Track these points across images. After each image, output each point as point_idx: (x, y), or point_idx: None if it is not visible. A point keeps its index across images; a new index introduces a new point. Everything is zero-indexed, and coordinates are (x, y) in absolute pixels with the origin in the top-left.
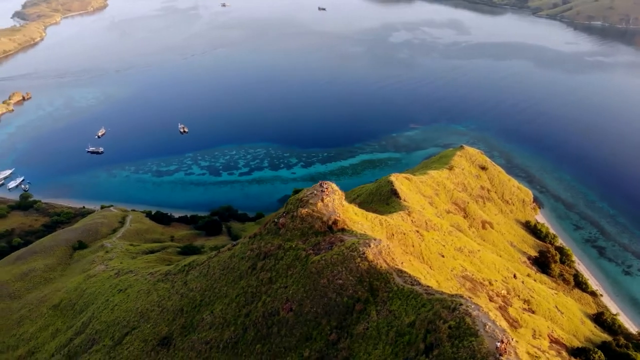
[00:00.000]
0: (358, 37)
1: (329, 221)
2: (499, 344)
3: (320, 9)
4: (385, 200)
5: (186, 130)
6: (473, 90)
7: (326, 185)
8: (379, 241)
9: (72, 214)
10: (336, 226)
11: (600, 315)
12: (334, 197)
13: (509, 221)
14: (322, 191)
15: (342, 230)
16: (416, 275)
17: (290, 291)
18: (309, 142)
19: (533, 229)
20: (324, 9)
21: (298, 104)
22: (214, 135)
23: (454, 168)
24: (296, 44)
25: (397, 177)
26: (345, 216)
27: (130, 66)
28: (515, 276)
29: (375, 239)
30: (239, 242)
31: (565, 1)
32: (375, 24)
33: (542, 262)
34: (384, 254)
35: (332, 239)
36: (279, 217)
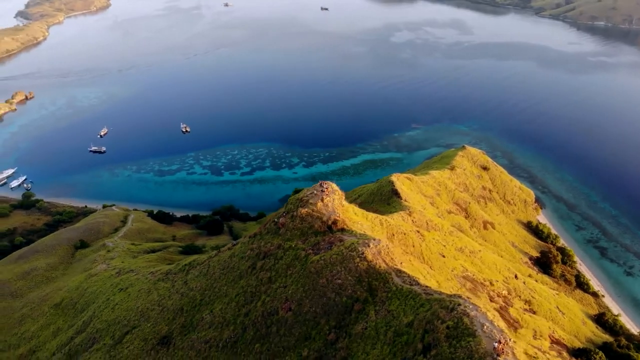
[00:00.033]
0: (360, 37)
1: (328, 221)
2: (496, 344)
3: (322, 9)
4: (386, 200)
5: (188, 129)
6: (475, 90)
7: (326, 185)
8: (378, 241)
9: (74, 213)
10: (336, 226)
11: (601, 316)
12: (333, 197)
13: (511, 221)
14: (322, 191)
15: (342, 230)
16: (416, 275)
17: (290, 291)
18: (311, 142)
19: (535, 230)
20: (326, 9)
21: (300, 104)
22: (215, 134)
23: (455, 168)
24: (298, 43)
25: (398, 177)
26: (345, 216)
27: (132, 66)
28: (516, 276)
29: (374, 239)
30: (239, 241)
31: (568, 1)
32: (377, 24)
33: (543, 263)
34: (383, 254)
35: (332, 239)
36: (279, 217)
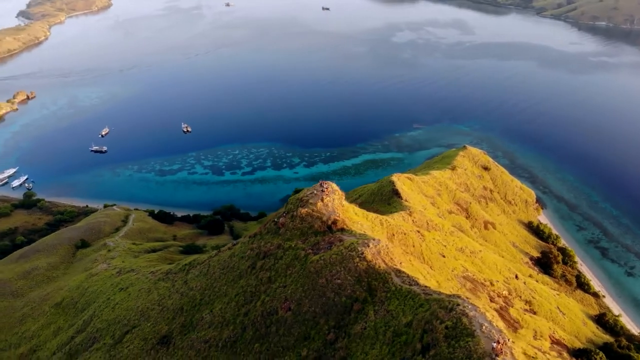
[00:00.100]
0: (362, 37)
1: (328, 221)
2: (495, 345)
3: (324, 8)
4: (387, 200)
5: (189, 129)
6: (477, 90)
7: (326, 185)
8: (377, 241)
9: (75, 213)
10: (335, 226)
11: (602, 316)
12: (333, 197)
13: (512, 222)
14: (322, 191)
15: (342, 230)
16: (416, 275)
17: (289, 291)
18: (312, 141)
19: (535, 230)
20: (327, 8)
21: (301, 104)
22: (217, 134)
23: (456, 168)
24: (300, 43)
25: (399, 177)
26: (345, 216)
27: (133, 65)
28: (517, 277)
29: (374, 239)
30: (239, 241)
31: (570, 1)
32: (379, 23)
33: (544, 263)
34: (382, 254)
35: (332, 239)
36: (279, 217)
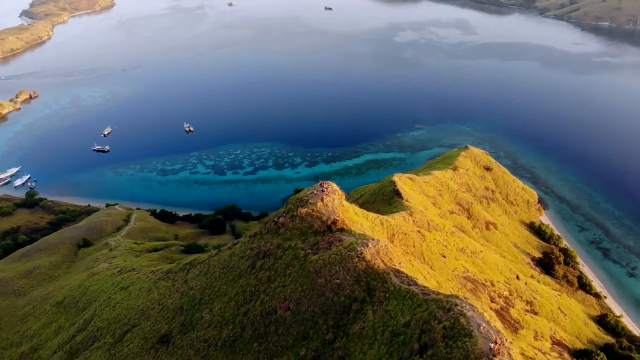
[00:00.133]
0: (364, 37)
1: (328, 221)
2: (492, 345)
3: (326, 8)
4: (388, 200)
5: (191, 129)
6: (479, 91)
7: (326, 185)
8: (377, 241)
9: (77, 212)
10: (335, 226)
11: (603, 317)
12: (333, 196)
13: (513, 222)
14: (322, 191)
15: (341, 230)
16: (415, 275)
17: (288, 290)
18: (314, 141)
19: (537, 230)
20: (330, 8)
21: (303, 104)
22: (219, 134)
23: (458, 168)
24: (302, 43)
25: (400, 177)
26: (345, 216)
27: (136, 65)
28: (518, 277)
29: (373, 239)
30: (239, 241)
31: (573, 1)
32: (381, 23)
33: (546, 264)
34: (381, 254)
35: (331, 239)
36: (279, 217)
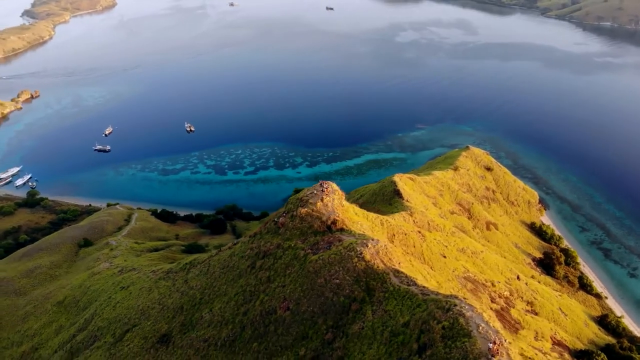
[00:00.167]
0: (365, 37)
1: (328, 221)
2: (491, 345)
3: (327, 8)
4: (388, 200)
5: (192, 129)
6: (480, 91)
7: (326, 185)
8: (376, 241)
9: (78, 212)
10: (335, 226)
11: (604, 317)
12: (333, 197)
13: (514, 222)
14: (322, 191)
15: (341, 230)
16: (415, 275)
17: (288, 290)
18: (315, 141)
19: (538, 231)
20: (331, 8)
21: (304, 104)
22: (220, 134)
23: (459, 169)
24: (303, 43)
25: (401, 178)
26: (345, 216)
27: (137, 65)
28: (518, 277)
29: (372, 239)
30: (239, 240)
31: (575, 1)
32: (382, 23)
33: (546, 264)
34: (381, 254)
35: (331, 239)
36: (278, 217)
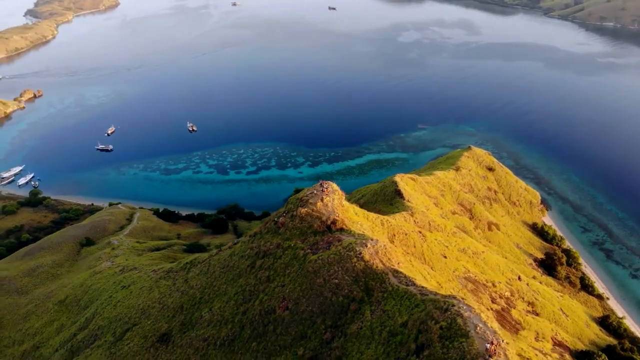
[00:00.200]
0: (367, 37)
1: (327, 221)
2: (488, 345)
3: (330, 8)
4: (389, 200)
5: (195, 128)
6: (482, 91)
7: (326, 185)
8: (375, 241)
9: (80, 211)
10: (335, 226)
11: (606, 318)
12: (333, 197)
13: (516, 223)
14: (322, 191)
15: (341, 230)
16: (415, 276)
17: (287, 290)
18: (317, 141)
19: (540, 231)
20: (334, 8)
21: (306, 103)
22: (222, 134)
23: (460, 169)
24: (305, 43)
25: (402, 178)
26: (345, 216)
27: (140, 65)
28: (520, 278)
29: (372, 239)
30: (239, 240)
31: (577, 2)
32: (385, 23)
33: (548, 265)
34: (380, 254)
35: (330, 239)
36: (279, 216)
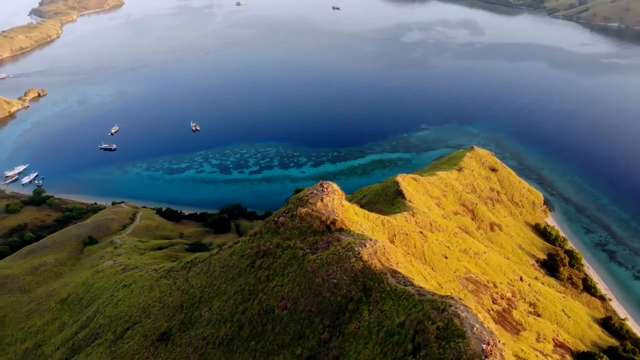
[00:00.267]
0: (371, 37)
1: (327, 221)
2: (485, 346)
3: (334, 8)
4: (391, 200)
5: (198, 128)
6: (486, 91)
7: (326, 185)
8: (374, 241)
9: (83, 210)
10: (334, 226)
11: (608, 319)
12: (333, 197)
13: (518, 223)
14: (322, 191)
15: (341, 230)
16: (414, 276)
17: (286, 289)
18: (319, 141)
19: (543, 232)
20: (338, 8)
21: (309, 103)
22: (225, 133)
23: (463, 169)
24: (309, 42)
25: (404, 178)
26: (345, 216)
27: (144, 64)
28: (521, 279)
29: (371, 239)
30: (240, 240)
31: (582, 2)
32: (389, 23)
33: (550, 265)
34: (379, 254)
35: (330, 239)
36: (279, 216)
